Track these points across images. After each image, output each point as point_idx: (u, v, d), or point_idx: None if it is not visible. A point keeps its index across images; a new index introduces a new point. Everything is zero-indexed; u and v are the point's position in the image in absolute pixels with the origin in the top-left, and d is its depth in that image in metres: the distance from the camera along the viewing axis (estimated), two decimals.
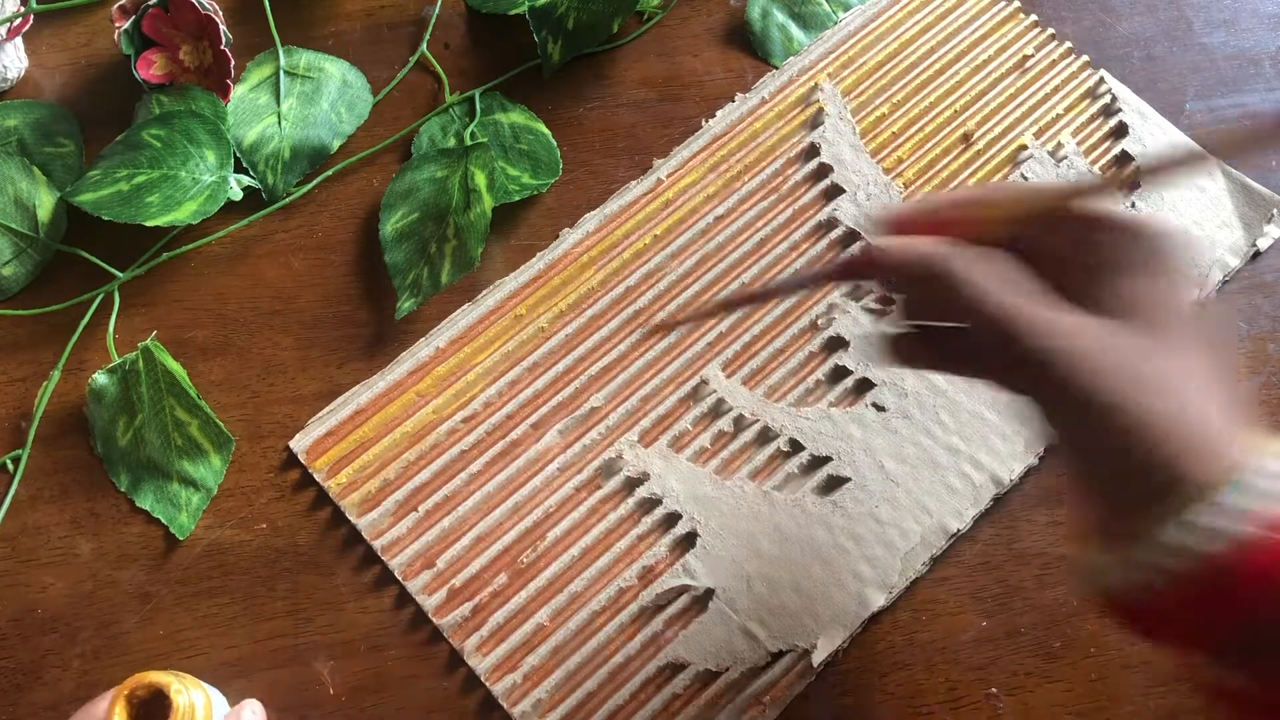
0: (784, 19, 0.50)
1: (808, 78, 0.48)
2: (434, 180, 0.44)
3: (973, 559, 0.39)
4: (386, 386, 0.41)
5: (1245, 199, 0.46)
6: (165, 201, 0.42)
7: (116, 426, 0.40)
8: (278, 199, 0.45)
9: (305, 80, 0.48)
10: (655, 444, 0.40)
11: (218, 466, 0.40)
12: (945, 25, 0.50)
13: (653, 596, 0.38)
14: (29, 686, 0.37)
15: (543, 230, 0.45)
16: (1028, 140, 0.47)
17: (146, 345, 0.41)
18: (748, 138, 0.47)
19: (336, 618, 0.38)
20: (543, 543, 0.39)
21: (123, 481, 0.40)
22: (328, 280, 0.44)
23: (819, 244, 0.44)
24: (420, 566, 0.38)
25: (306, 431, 0.41)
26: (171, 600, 0.38)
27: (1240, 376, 0.42)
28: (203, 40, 0.46)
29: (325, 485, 0.40)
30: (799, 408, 0.41)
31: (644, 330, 0.42)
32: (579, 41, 0.48)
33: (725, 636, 0.37)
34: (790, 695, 0.36)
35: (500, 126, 0.47)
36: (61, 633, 0.38)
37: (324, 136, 0.46)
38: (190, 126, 0.44)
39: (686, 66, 0.49)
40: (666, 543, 0.39)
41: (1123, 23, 0.51)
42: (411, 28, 0.50)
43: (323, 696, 0.37)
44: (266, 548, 0.39)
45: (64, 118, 0.47)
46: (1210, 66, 0.50)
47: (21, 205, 0.44)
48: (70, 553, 0.39)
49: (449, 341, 0.42)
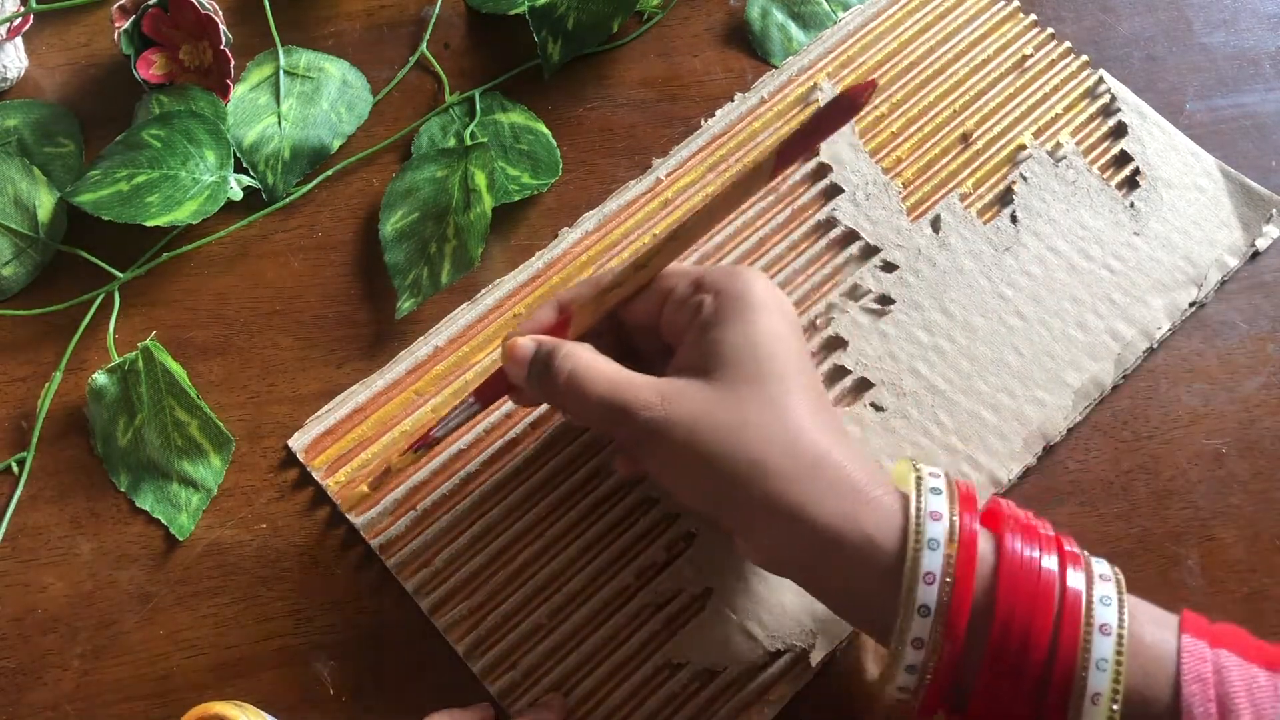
0: (783, 19, 0.50)
1: (807, 77, 0.48)
2: (434, 180, 0.44)
3: None
4: (385, 385, 0.41)
5: (1244, 199, 0.46)
6: (165, 201, 0.43)
7: (116, 426, 0.40)
8: (278, 199, 0.45)
9: (305, 80, 0.48)
10: None
11: (217, 466, 0.40)
12: (944, 25, 0.50)
13: (651, 596, 0.38)
14: (29, 686, 0.37)
15: (542, 230, 0.45)
16: (1027, 140, 0.47)
17: (146, 345, 0.41)
18: (747, 137, 0.47)
19: (336, 617, 0.38)
20: (541, 542, 0.39)
21: (123, 481, 0.40)
22: (328, 280, 0.44)
23: (818, 243, 0.44)
24: (418, 565, 0.38)
25: (305, 430, 0.41)
26: (171, 600, 0.38)
27: (1241, 376, 0.42)
28: (203, 40, 0.46)
29: (324, 484, 0.40)
30: None
31: None
32: (579, 41, 0.48)
33: (724, 636, 0.37)
34: (789, 694, 0.36)
35: (500, 126, 0.47)
36: (61, 633, 0.38)
37: (324, 136, 0.46)
38: (190, 126, 0.44)
39: (686, 66, 0.49)
40: (665, 542, 0.39)
41: (1122, 23, 0.51)
42: (411, 28, 0.50)
43: (323, 696, 0.37)
44: (266, 547, 0.39)
45: (64, 118, 0.47)
46: (1210, 66, 0.50)
47: (21, 205, 0.44)
48: (70, 553, 0.39)
49: (448, 341, 0.42)
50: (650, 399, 0.31)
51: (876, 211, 0.45)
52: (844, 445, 0.31)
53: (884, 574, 0.29)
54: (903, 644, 0.28)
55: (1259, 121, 0.48)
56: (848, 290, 0.43)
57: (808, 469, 0.30)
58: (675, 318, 0.34)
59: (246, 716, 0.32)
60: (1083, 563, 0.29)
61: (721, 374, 0.32)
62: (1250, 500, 0.34)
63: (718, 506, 0.32)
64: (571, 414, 0.36)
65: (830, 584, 0.31)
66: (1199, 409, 0.42)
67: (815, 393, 0.32)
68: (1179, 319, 0.43)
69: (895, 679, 0.29)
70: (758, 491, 0.30)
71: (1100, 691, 0.27)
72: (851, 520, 0.29)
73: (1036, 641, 0.28)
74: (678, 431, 0.31)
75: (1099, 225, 0.45)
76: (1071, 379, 0.42)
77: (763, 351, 0.32)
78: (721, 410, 0.31)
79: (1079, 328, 0.43)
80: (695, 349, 0.33)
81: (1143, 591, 0.30)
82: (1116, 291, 0.43)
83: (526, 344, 0.34)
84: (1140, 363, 0.43)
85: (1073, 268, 0.44)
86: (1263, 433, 0.42)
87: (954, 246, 0.44)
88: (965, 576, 0.28)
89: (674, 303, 0.34)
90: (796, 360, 0.32)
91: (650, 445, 0.32)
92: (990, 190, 0.46)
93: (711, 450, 0.30)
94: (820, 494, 0.30)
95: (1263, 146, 0.47)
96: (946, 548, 0.29)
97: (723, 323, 0.32)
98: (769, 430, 0.30)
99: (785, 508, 0.30)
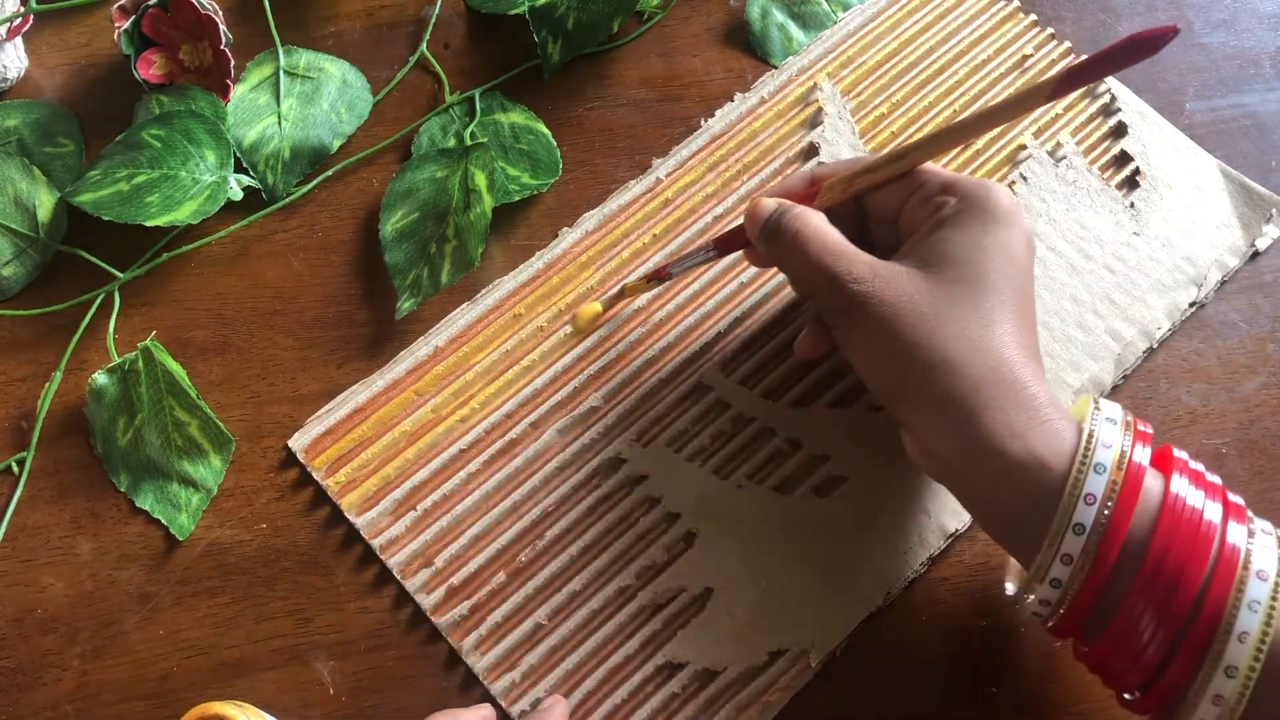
0: (783, 19, 0.50)
1: (807, 77, 0.48)
2: (434, 180, 0.44)
3: (972, 559, 0.39)
4: (385, 385, 0.41)
5: (1244, 199, 0.46)
6: (165, 201, 0.43)
7: (116, 426, 0.40)
8: (278, 199, 0.45)
9: (305, 80, 0.48)
10: (654, 443, 0.40)
11: (217, 466, 0.40)
12: (944, 25, 0.50)
13: (651, 596, 0.38)
14: (29, 686, 0.37)
15: (542, 230, 0.45)
16: (1026, 140, 0.47)
17: (146, 345, 0.41)
18: (747, 137, 0.47)
19: (336, 617, 0.38)
20: (541, 541, 0.39)
21: (123, 481, 0.40)
22: (328, 280, 0.44)
23: None
24: (419, 565, 0.38)
25: (305, 430, 0.41)
26: (171, 600, 0.38)
27: (1241, 376, 0.42)
28: (203, 40, 0.46)
29: (324, 484, 0.40)
30: (798, 407, 0.41)
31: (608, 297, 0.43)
32: (579, 41, 0.48)
33: (724, 636, 0.37)
34: (789, 695, 0.36)
35: (500, 126, 0.47)
36: (61, 633, 0.38)
37: (324, 136, 0.46)
38: (190, 126, 0.44)
39: (686, 66, 0.49)
40: (665, 542, 0.39)
41: (1123, 23, 0.51)
42: (411, 28, 0.50)
43: (323, 696, 0.37)
44: (266, 548, 0.39)
45: (64, 118, 0.47)
46: (1210, 66, 0.50)
47: (21, 205, 0.44)
48: (70, 553, 0.39)
49: (448, 341, 0.42)
50: (863, 273, 0.33)
51: None
52: (1035, 369, 0.32)
53: (1044, 495, 0.29)
54: (1050, 557, 0.29)
55: (1259, 121, 0.48)
56: None
57: (993, 379, 0.30)
58: (916, 213, 0.35)
59: (246, 716, 0.32)
60: (1246, 516, 0.30)
61: (940, 270, 0.32)
62: (1250, 500, 0.34)
63: (897, 395, 0.33)
64: (789, 274, 0.37)
65: (986, 495, 0.31)
66: (1199, 409, 0.42)
67: (1025, 316, 0.33)
68: (1179, 319, 0.43)
69: (1037, 593, 0.30)
70: (940, 388, 0.31)
71: (1249, 631, 0.27)
72: (1023, 437, 0.30)
73: (1189, 581, 0.28)
74: (880, 310, 0.32)
75: (1099, 225, 0.45)
76: (1071, 379, 0.42)
77: (989, 261, 0.32)
78: (927, 301, 0.32)
79: (1079, 328, 0.43)
80: (924, 243, 0.34)
81: None
82: (1116, 291, 0.43)
83: (768, 203, 0.36)
84: (1140, 363, 0.43)
85: (1073, 268, 0.44)
86: (1263, 433, 0.42)
87: None
88: (1126, 504, 0.29)
89: (919, 198, 0.35)
90: (1018, 280, 0.33)
91: (850, 319, 0.33)
92: None
93: (906, 337, 0.31)
94: (999, 405, 0.30)
95: (1263, 146, 0.47)
96: (1113, 474, 0.29)
97: (959, 225, 0.33)
98: (968, 332, 0.31)
99: (962, 410, 0.30)
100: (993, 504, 0.31)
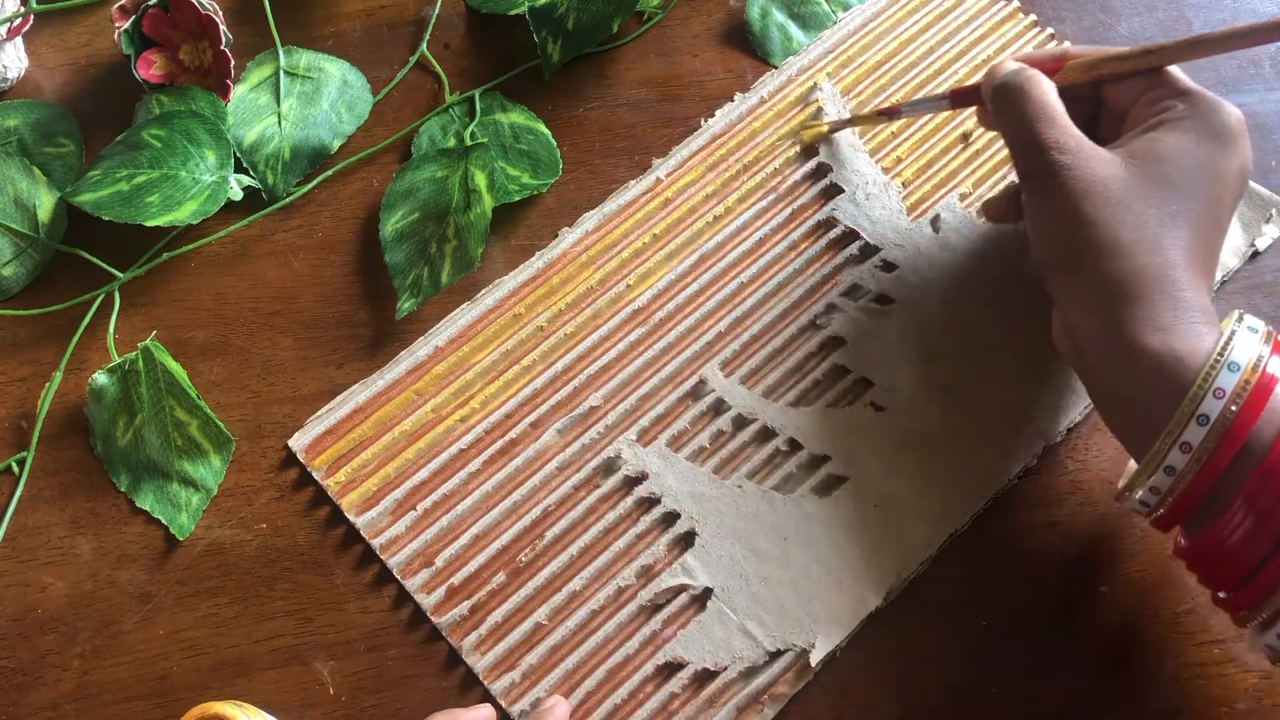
0: (783, 19, 0.50)
1: (807, 77, 0.48)
2: (434, 180, 0.44)
3: (972, 559, 0.39)
4: (385, 385, 0.41)
5: (1244, 199, 0.46)
6: (165, 201, 0.43)
7: (116, 426, 0.40)
8: (278, 199, 0.45)
9: (305, 80, 0.48)
10: (654, 443, 0.40)
11: (218, 466, 0.40)
12: (944, 25, 0.50)
13: (651, 595, 0.38)
14: (29, 686, 0.37)
15: (542, 230, 0.45)
16: None
17: (146, 345, 0.41)
18: (746, 137, 0.47)
19: (336, 617, 0.38)
20: (541, 541, 0.39)
21: (123, 481, 0.40)
22: (328, 280, 0.44)
23: (818, 243, 0.44)
24: (419, 565, 0.38)
25: (305, 430, 0.41)
26: (171, 600, 0.38)
27: None
28: (203, 40, 0.46)
29: (324, 484, 0.40)
30: (798, 407, 0.41)
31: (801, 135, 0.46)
32: (579, 41, 0.48)
33: (724, 635, 0.37)
34: (788, 694, 0.36)
35: (500, 126, 0.47)
36: (61, 633, 0.38)
37: (324, 136, 0.46)
38: (190, 126, 0.44)
39: (686, 66, 0.49)
40: (665, 542, 0.39)
41: (1123, 23, 0.51)
42: (411, 28, 0.50)
43: (323, 696, 0.37)
44: (267, 548, 0.39)
45: (64, 118, 0.47)
46: (1210, 66, 0.50)
47: (21, 205, 0.44)
48: (70, 553, 0.39)
49: (448, 341, 0.42)
50: (1069, 144, 0.34)
51: (876, 211, 0.45)
52: (1197, 281, 0.32)
53: (1174, 390, 0.30)
54: (1170, 443, 0.30)
55: (1259, 121, 0.48)
56: (847, 290, 0.43)
57: (1154, 274, 0.31)
58: (1145, 110, 0.35)
59: (246, 716, 0.32)
60: None
61: (1144, 166, 0.33)
62: None
63: (1063, 266, 0.33)
64: (1004, 131, 0.37)
65: (1116, 384, 0.32)
66: None
67: (1209, 232, 0.33)
68: None
69: (1150, 477, 0.30)
70: (1102, 269, 0.32)
71: None
72: (1165, 332, 0.31)
73: None
74: (1073, 185, 0.33)
75: None
76: (1072, 378, 0.42)
77: (1193, 169, 0.33)
78: (1119, 188, 0.33)
79: None
80: (1139, 137, 0.34)
81: (1144, 588, 0.30)
82: None
83: (1009, 64, 0.37)
84: None
85: None
86: None
87: (954, 246, 0.44)
88: (1255, 403, 0.29)
89: (1151, 96, 0.36)
90: (1216, 196, 0.33)
91: (1043, 184, 0.34)
92: (990, 190, 0.46)
93: (1087, 214, 0.32)
94: (1150, 299, 0.31)
95: (1263, 146, 0.47)
96: (1246, 374, 0.30)
97: (1177, 129, 0.34)
98: (1146, 225, 0.32)
99: (1115, 294, 0.31)
100: (1121, 394, 0.32)
